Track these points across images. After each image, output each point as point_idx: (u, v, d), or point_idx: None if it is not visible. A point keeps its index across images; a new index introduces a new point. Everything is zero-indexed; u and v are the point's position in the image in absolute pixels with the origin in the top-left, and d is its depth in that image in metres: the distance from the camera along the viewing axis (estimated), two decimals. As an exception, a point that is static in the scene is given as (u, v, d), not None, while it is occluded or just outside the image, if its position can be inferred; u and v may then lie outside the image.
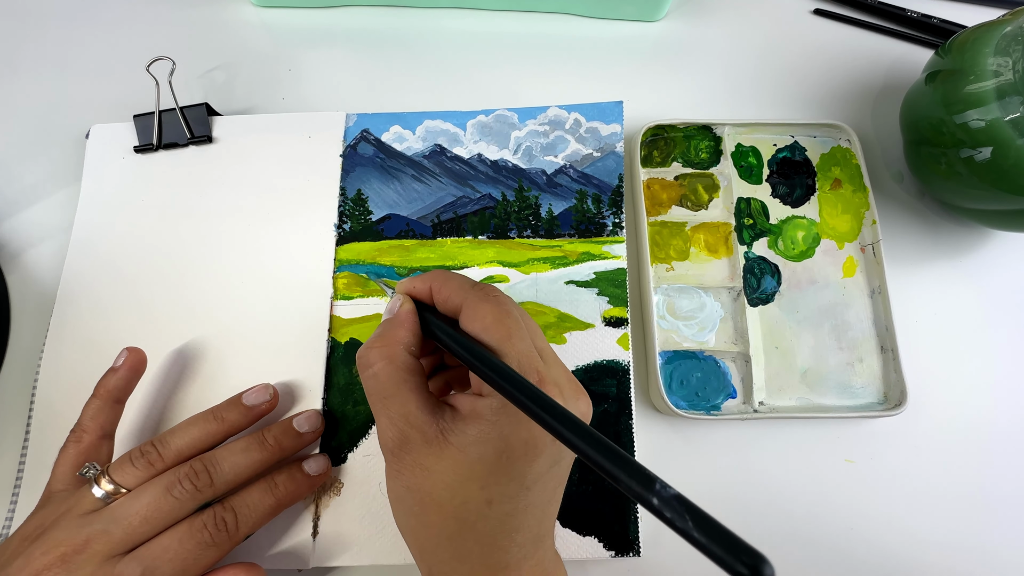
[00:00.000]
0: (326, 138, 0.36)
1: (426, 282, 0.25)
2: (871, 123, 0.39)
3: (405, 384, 0.22)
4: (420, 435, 0.22)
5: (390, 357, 0.23)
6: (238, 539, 0.26)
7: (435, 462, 0.21)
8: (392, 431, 0.22)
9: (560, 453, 0.22)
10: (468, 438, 0.21)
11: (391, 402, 0.22)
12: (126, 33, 0.41)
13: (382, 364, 0.23)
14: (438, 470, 0.21)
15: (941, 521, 0.31)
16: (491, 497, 0.21)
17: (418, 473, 0.22)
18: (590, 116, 0.37)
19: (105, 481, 0.25)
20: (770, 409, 0.32)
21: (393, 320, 0.24)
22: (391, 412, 0.22)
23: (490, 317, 0.22)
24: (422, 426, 0.22)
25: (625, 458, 0.16)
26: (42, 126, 0.39)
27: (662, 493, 0.16)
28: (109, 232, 0.35)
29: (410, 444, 0.22)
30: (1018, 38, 0.29)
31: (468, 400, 0.22)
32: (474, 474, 0.21)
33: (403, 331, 0.23)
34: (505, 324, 0.22)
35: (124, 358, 0.29)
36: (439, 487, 0.21)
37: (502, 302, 0.23)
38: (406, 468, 0.22)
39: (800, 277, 0.35)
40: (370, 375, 0.23)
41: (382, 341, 0.23)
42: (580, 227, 0.35)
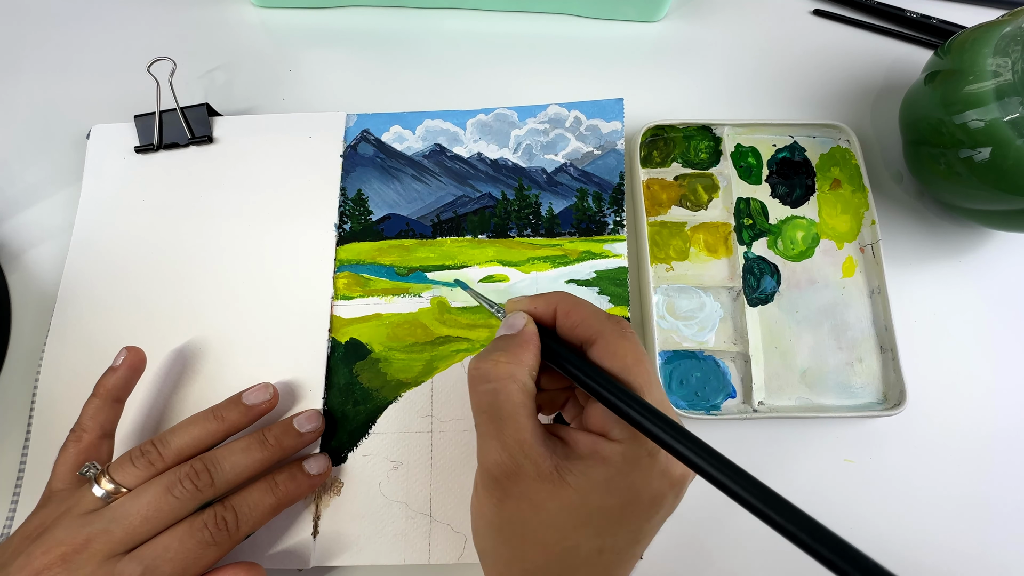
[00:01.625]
0: (326, 138, 0.36)
1: (551, 304, 0.23)
2: (870, 123, 0.39)
3: (524, 408, 0.21)
4: (534, 467, 0.20)
5: (513, 376, 0.21)
6: (239, 538, 0.26)
7: (547, 499, 0.20)
8: (502, 456, 0.20)
9: (674, 508, 0.21)
10: (590, 483, 0.20)
11: (507, 425, 0.21)
12: (127, 33, 0.41)
13: (504, 382, 0.21)
14: (549, 509, 0.20)
15: (940, 521, 0.31)
16: (603, 547, 0.20)
17: (525, 507, 0.20)
18: (590, 114, 0.37)
19: (105, 480, 0.25)
20: (769, 409, 0.32)
21: (517, 338, 0.22)
22: (505, 437, 0.21)
23: (631, 357, 0.21)
24: (537, 458, 0.20)
25: (828, 533, 0.16)
26: (43, 126, 0.39)
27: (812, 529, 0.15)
28: (110, 232, 0.35)
29: (521, 475, 0.20)
30: (1017, 39, 0.29)
31: (589, 440, 0.21)
32: (591, 522, 0.20)
33: (528, 353, 0.22)
34: (645, 367, 0.21)
35: (123, 357, 0.29)
36: (547, 526, 0.20)
37: (639, 342, 0.22)
38: (510, 499, 0.21)
39: (799, 277, 0.35)
40: (487, 390, 0.21)
41: (507, 358, 0.22)
42: (581, 226, 0.35)
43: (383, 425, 0.31)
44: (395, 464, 0.31)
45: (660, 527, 0.22)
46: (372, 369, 0.32)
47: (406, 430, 0.31)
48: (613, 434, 0.21)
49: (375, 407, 0.32)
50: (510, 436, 0.21)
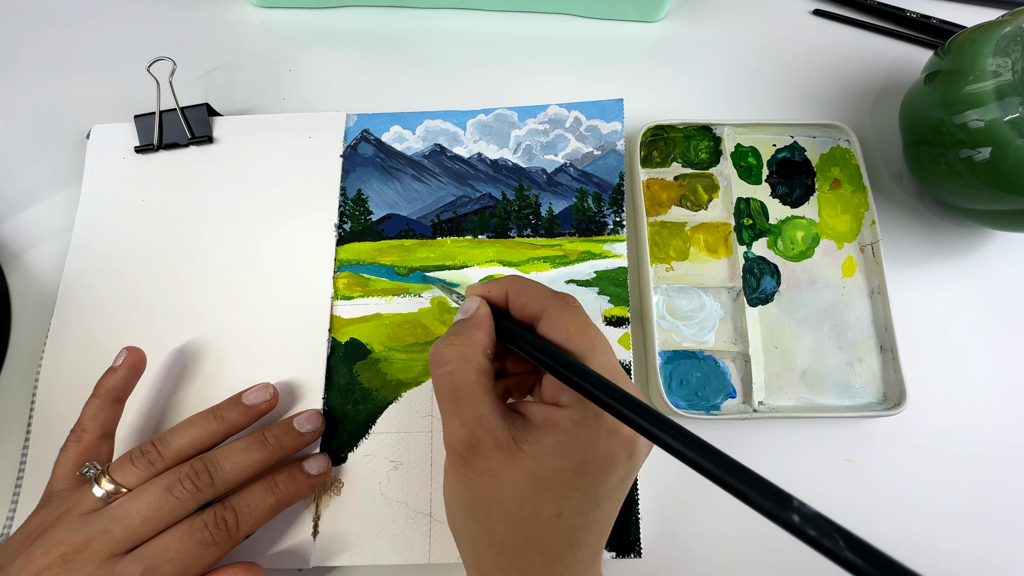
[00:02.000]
0: (326, 138, 0.36)
1: (502, 287, 0.24)
2: (870, 123, 0.39)
3: (480, 386, 0.22)
4: (492, 440, 0.21)
5: (467, 356, 0.22)
6: (239, 538, 0.26)
7: (506, 469, 0.21)
8: (462, 432, 0.21)
9: (630, 469, 0.22)
10: (544, 448, 0.21)
11: (464, 403, 0.22)
12: (127, 34, 0.41)
13: (459, 363, 0.22)
14: (509, 478, 0.21)
15: (940, 521, 0.31)
16: (562, 511, 0.21)
17: (486, 479, 0.21)
18: (590, 114, 0.37)
19: (105, 480, 0.25)
20: (769, 409, 0.32)
21: (470, 321, 0.24)
22: (463, 413, 0.22)
23: (574, 327, 0.22)
24: (495, 431, 0.21)
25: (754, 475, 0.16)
26: (43, 126, 0.39)
27: (802, 511, 0.15)
28: (110, 232, 0.35)
29: (481, 448, 0.21)
30: (1017, 39, 0.29)
31: (542, 409, 0.22)
32: (547, 486, 0.21)
33: (480, 332, 0.23)
34: (588, 336, 0.22)
35: (123, 357, 0.29)
36: (508, 496, 0.21)
37: (583, 313, 0.23)
38: (473, 473, 0.21)
39: (799, 277, 0.35)
40: (444, 372, 0.22)
41: (460, 340, 0.23)
42: (580, 226, 0.35)
43: (383, 425, 0.31)
44: (395, 464, 0.31)
45: (622, 489, 0.22)
46: (372, 369, 0.32)
47: (406, 430, 0.31)
48: (562, 401, 0.22)
49: (375, 407, 0.32)
50: (468, 412, 0.21)
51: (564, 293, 0.24)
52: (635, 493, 0.30)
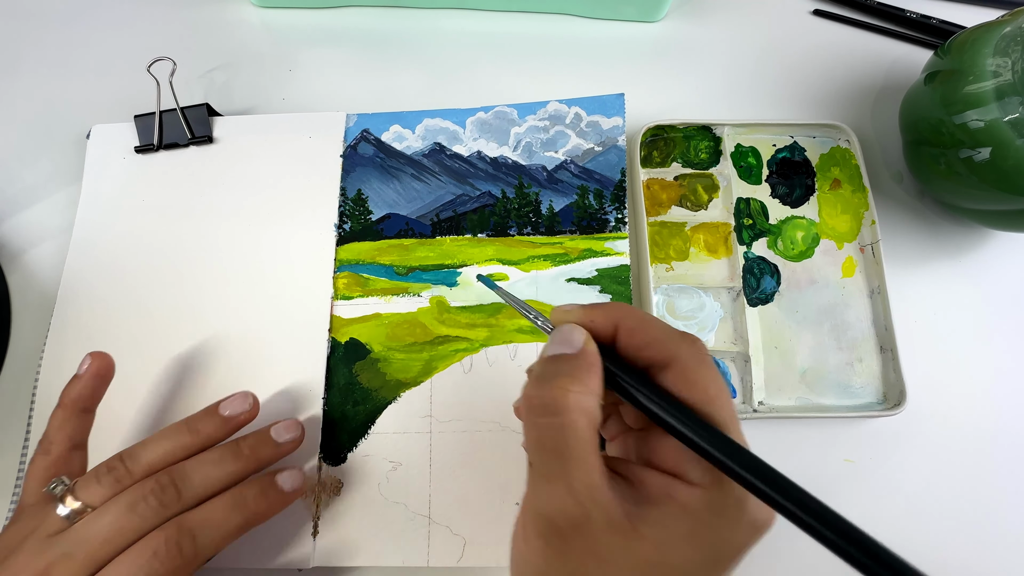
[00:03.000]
0: (326, 138, 0.36)
1: (610, 316, 0.20)
2: (871, 123, 0.39)
3: (592, 446, 0.18)
4: (604, 516, 0.17)
5: (584, 408, 0.18)
6: (197, 564, 0.24)
7: (617, 554, 0.17)
8: (568, 503, 0.17)
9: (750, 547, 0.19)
10: (669, 535, 0.17)
11: (576, 466, 0.17)
12: (127, 33, 0.41)
13: (575, 415, 0.18)
14: (620, 564, 0.17)
15: (941, 521, 0.31)
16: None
17: (590, 562, 0.17)
18: (591, 110, 0.36)
19: (71, 499, 0.24)
20: (769, 409, 0.32)
21: (582, 360, 0.19)
22: (574, 480, 0.17)
23: (713, 388, 0.18)
24: (608, 505, 0.17)
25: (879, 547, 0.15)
26: (43, 126, 0.39)
27: None
28: (110, 232, 0.35)
29: (590, 525, 0.17)
30: (1017, 39, 0.29)
31: (661, 481, 0.18)
32: None
33: (596, 379, 0.18)
34: (728, 400, 0.18)
35: (87, 364, 0.27)
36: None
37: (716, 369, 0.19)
38: (574, 552, 0.17)
39: (800, 277, 0.35)
40: (554, 425, 0.18)
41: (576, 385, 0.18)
42: (582, 223, 0.35)
43: (382, 425, 0.31)
44: (394, 465, 0.31)
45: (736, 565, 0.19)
46: (371, 369, 0.32)
47: (405, 430, 0.31)
48: (691, 476, 0.18)
49: (374, 407, 0.32)
50: (580, 480, 0.17)
51: (693, 337, 0.19)
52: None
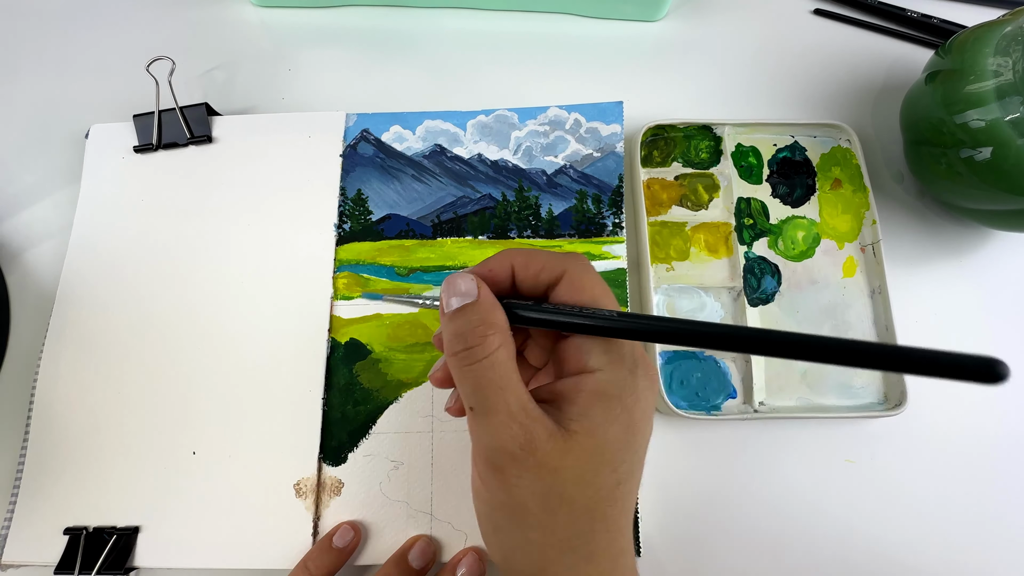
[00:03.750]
0: (326, 138, 0.36)
1: (503, 261, 0.22)
2: (871, 123, 0.39)
3: (517, 375, 0.20)
4: (544, 429, 0.19)
5: (505, 343, 0.20)
6: None
7: (563, 457, 0.19)
8: (514, 429, 0.19)
9: (655, 404, 0.21)
10: (594, 420, 0.19)
11: (509, 395, 0.19)
12: (126, 33, 0.41)
13: (499, 351, 0.19)
14: (568, 465, 0.19)
15: (941, 521, 0.31)
16: (619, 477, 0.20)
17: (545, 475, 0.19)
18: (590, 116, 0.37)
19: None
20: (770, 409, 0.32)
21: (481, 304, 0.20)
22: (511, 406, 0.19)
23: (599, 288, 0.20)
24: (542, 419, 0.19)
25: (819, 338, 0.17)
26: (42, 126, 0.39)
27: None
28: (109, 232, 0.35)
29: (535, 443, 0.19)
30: (1018, 38, 0.29)
31: (572, 382, 0.20)
32: (605, 458, 0.19)
33: (499, 312, 0.20)
34: (612, 299, 0.21)
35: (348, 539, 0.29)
36: (570, 483, 0.19)
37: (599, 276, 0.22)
38: (528, 472, 0.19)
39: (800, 277, 0.35)
40: (486, 365, 0.19)
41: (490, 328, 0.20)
42: (580, 227, 0.35)
43: (383, 425, 0.31)
44: (396, 464, 0.31)
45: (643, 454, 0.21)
46: (372, 369, 0.32)
47: (407, 430, 0.31)
48: (591, 365, 0.20)
49: (375, 407, 0.32)
50: (515, 404, 0.19)
51: (576, 253, 0.22)
52: (635, 494, 0.30)
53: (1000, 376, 0.14)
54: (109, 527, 0.30)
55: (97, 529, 0.30)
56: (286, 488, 0.30)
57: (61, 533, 0.30)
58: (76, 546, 0.29)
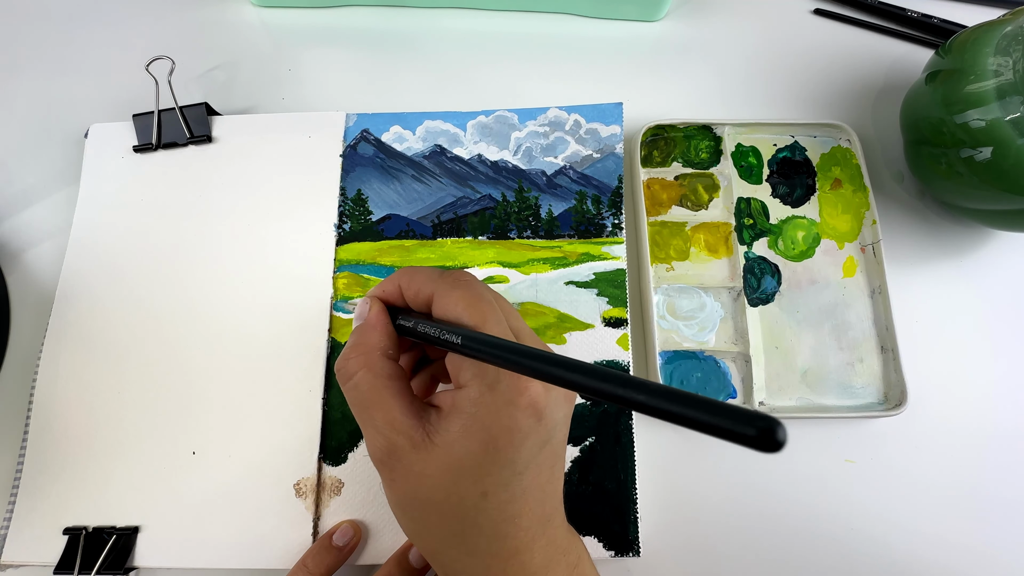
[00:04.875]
0: (326, 138, 0.36)
1: (393, 282, 0.24)
2: (871, 123, 0.39)
3: (387, 390, 0.22)
4: (408, 441, 0.21)
5: (368, 365, 0.22)
6: None
7: (425, 465, 0.21)
8: (379, 440, 0.22)
9: (549, 433, 0.22)
10: (452, 435, 0.21)
11: (375, 411, 0.22)
12: (126, 33, 0.41)
13: (362, 373, 0.22)
14: (429, 473, 0.21)
15: (941, 521, 0.31)
16: (485, 489, 0.21)
17: (412, 480, 0.21)
18: (590, 117, 0.37)
19: None
20: (770, 409, 0.32)
21: (364, 325, 0.24)
22: (376, 421, 0.22)
23: (462, 303, 0.22)
24: (408, 431, 0.21)
25: (612, 374, 0.16)
26: (41, 126, 0.39)
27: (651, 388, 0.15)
28: (108, 232, 0.35)
29: (399, 452, 0.21)
30: (1018, 38, 0.29)
31: (448, 396, 0.22)
32: (464, 470, 0.21)
33: (376, 334, 0.23)
34: (479, 308, 0.22)
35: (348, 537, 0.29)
36: (433, 489, 0.21)
37: (473, 286, 0.23)
38: (399, 476, 0.22)
39: (800, 277, 0.35)
40: (351, 386, 0.22)
41: (358, 349, 0.23)
42: (580, 228, 0.35)
43: (383, 426, 0.31)
44: (395, 465, 0.31)
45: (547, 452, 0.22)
46: (372, 369, 0.32)
47: (406, 431, 0.31)
48: (460, 380, 0.22)
49: (375, 408, 0.32)
50: (380, 419, 0.22)
51: (455, 271, 0.24)
52: (633, 492, 0.30)
53: (775, 444, 0.12)
54: (109, 527, 0.30)
55: (97, 529, 0.30)
56: (286, 488, 0.30)
57: (60, 533, 0.30)
58: (76, 546, 0.29)
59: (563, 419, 0.23)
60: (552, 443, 0.22)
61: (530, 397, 0.21)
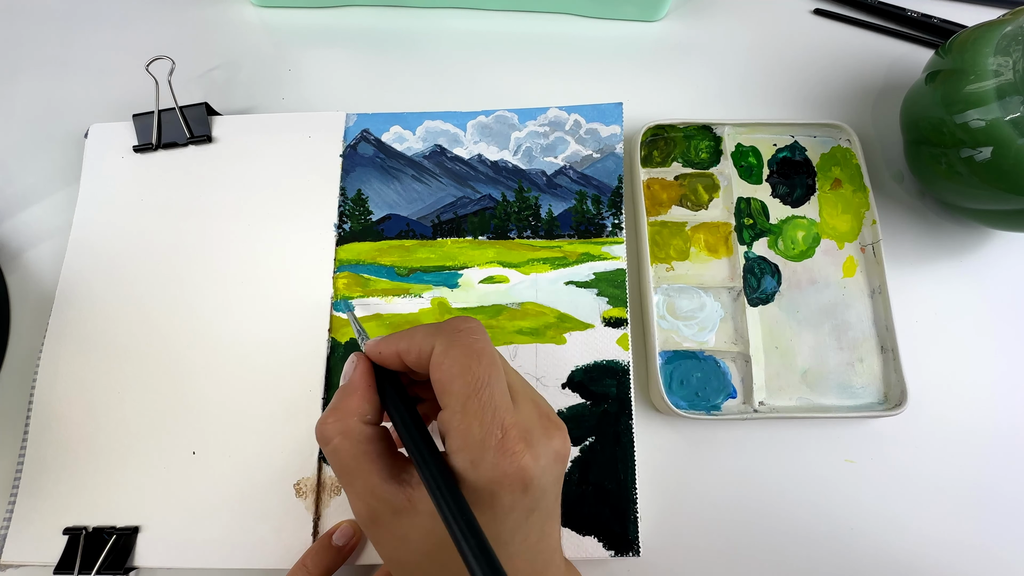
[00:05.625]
0: (326, 138, 0.36)
1: (391, 345, 0.23)
2: (871, 123, 0.39)
3: (365, 456, 0.22)
4: (388, 508, 0.21)
5: (345, 432, 0.22)
6: None
7: (409, 530, 0.21)
8: (360, 506, 0.22)
9: (536, 501, 0.21)
10: None
11: (354, 478, 0.22)
12: (126, 33, 0.41)
13: (339, 440, 0.22)
14: (413, 538, 0.21)
15: (941, 521, 0.31)
16: None
17: (396, 544, 0.21)
18: (590, 117, 0.37)
19: None
20: (770, 409, 0.32)
21: (347, 387, 0.23)
22: (356, 488, 0.22)
23: (458, 365, 0.21)
24: (389, 498, 0.21)
25: None
26: (42, 126, 0.39)
27: None
28: (108, 232, 0.35)
29: (380, 518, 0.21)
30: (1018, 38, 0.29)
31: None
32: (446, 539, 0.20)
33: (356, 399, 0.22)
34: (474, 372, 0.21)
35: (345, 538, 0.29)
36: (417, 555, 0.21)
37: (474, 341, 0.21)
38: (383, 539, 0.22)
39: (800, 277, 0.35)
40: (330, 451, 0.22)
41: (336, 415, 0.22)
42: (580, 228, 0.35)
43: (383, 426, 0.31)
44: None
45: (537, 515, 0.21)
46: (372, 369, 0.32)
47: (406, 431, 0.31)
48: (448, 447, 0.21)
49: (375, 408, 0.32)
50: (360, 486, 0.21)
51: (454, 320, 0.22)
52: (633, 492, 0.30)
53: None
54: (109, 527, 0.30)
55: (97, 529, 0.30)
56: (286, 488, 0.30)
57: (61, 533, 0.30)
58: (76, 546, 0.29)
59: (554, 481, 0.22)
60: (541, 508, 0.22)
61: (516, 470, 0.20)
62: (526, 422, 0.21)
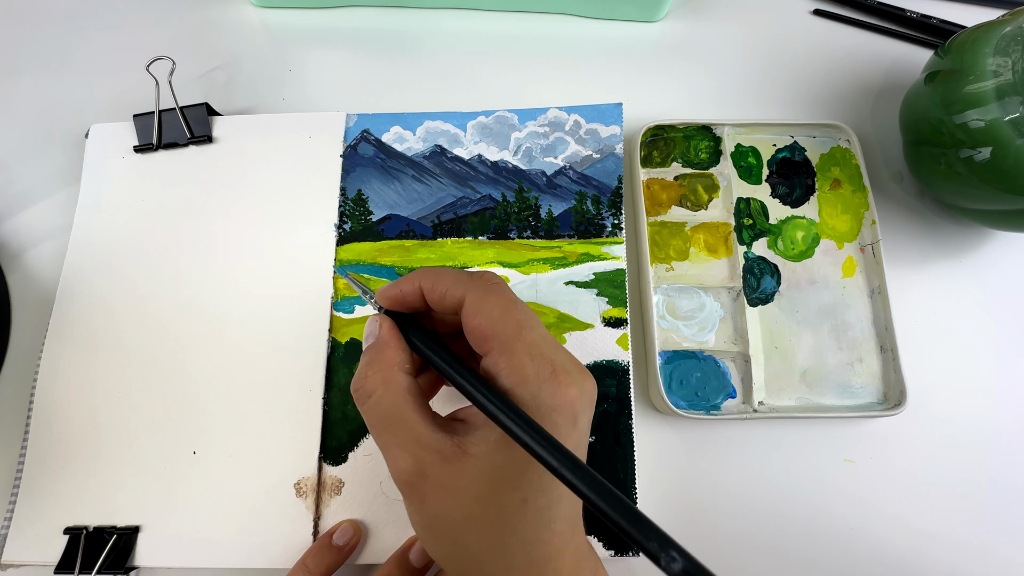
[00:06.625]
0: (326, 138, 0.36)
1: (414, 282, 0.23)
2: (871, 123, 0.39)
3: (408, 405, 0.21)
4: (437, 456, 0.20)
5: (387, 381, 0.22)
6: None
7: (459, 477, 0.20)
8: (405, 460, 0.21)
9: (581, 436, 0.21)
10: (489, 444, 0.20)
11: (399, 428, 0.21)
12: (126, 33, 0.41)
13: (382, 390, 0.21)
14: (464, 486, 0.20)
15: (941, 520, 0.31)
16: (525, 495, 0.20)
17: (444, 496, 0.20)
18: (590, 118, 0.37)
19: None
20: (770, 409, 0.32)
21: (377, 344, 0.23)
22: (400, 439, 0.21)
23: (498, 310, 0.21)
24: (437, 445, 0.21)
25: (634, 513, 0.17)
26: (42, 126, 0.39)
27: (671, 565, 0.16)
28: (109, 232, 0.35)
29: (428, 469, 0.20)
30: (1018, 38, 0.29)
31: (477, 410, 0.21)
32: (504, 478, 0.20)
33: (391, 351, 0.22)
34: (514, 316, 0.21)
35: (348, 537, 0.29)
36: (471, 502, 0.20)
37: (505, 291, 0.22)
38: (430, 496, 0.21)
39: (800, 277, 0.35)
40: (371, 405, 0.22)
41: (374, 367, 0.22)
42: (579, 228, 0.35)
43: (383, 425, 0.31)
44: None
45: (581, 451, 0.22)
46: (372, 369, 0.32)
47: (406, 430, 0.31)
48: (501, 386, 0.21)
49: (375, 407, 0.32)
50: (405, 437, 0.21)
51: (483, 272, 0.23)
52: (633, 492, 0.30)
53: None
54: (109, 527, 0.30)
55: (97, 529, 0.30)
56: (286, 488, 0.30)
57: (61, 533, 0.30)
58: (76, 546, 0.29)
59: (587, 423, 0.22)
60: (581, 447, 0.22)
61: (568, 401, 0.21)
62: (565, 364, 0.21)
